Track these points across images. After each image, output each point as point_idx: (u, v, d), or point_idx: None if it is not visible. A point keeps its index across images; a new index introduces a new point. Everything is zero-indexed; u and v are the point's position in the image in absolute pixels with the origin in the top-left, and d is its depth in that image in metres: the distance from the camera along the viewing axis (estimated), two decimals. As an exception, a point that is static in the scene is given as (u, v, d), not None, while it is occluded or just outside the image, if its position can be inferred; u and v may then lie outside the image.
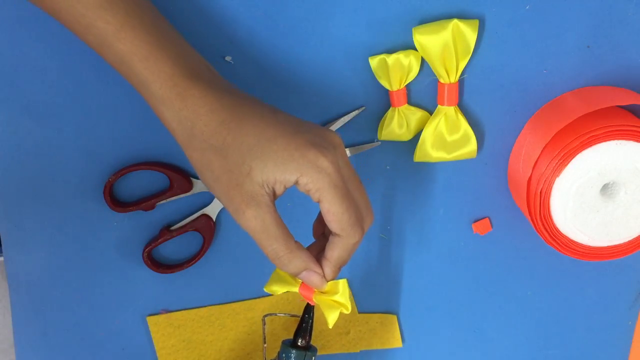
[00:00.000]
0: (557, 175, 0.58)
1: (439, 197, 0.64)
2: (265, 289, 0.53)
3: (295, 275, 0.51)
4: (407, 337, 0.69)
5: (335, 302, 0.52)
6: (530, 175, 0.59)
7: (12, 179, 0.60)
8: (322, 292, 0.52)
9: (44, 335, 0.65)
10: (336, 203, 0.47)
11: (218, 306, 0.66)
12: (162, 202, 0.61)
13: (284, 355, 0.54)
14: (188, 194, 0.61)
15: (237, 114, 0.48)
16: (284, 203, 0.63)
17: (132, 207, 0.61)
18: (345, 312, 0.52)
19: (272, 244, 0.48)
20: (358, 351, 0.68)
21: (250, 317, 0.66)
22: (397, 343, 0.69)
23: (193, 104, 0.47)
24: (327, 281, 0.51)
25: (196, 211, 0.62)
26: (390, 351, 0.69)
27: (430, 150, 0.60)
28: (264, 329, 0.58)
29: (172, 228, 0.62)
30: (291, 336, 0.56)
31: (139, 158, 0.60)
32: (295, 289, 0.52)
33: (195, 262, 0.63)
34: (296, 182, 0.47)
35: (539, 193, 0.58)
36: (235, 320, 0.66)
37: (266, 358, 0.56)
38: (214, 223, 0.62)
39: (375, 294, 0.67)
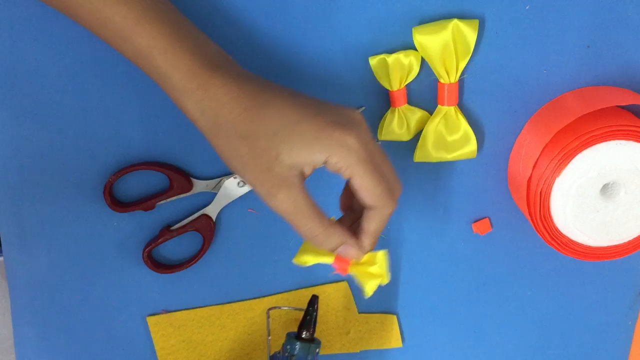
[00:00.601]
0: (557, 175, 0.58)
1: (439, 197, 0.64)
2: (294, 261, 0.53)
3: (331, 251, 0.52)
4: (407, 337, 0.69)
5: (373, 273, 0.52)
6: (530, 175, 0.59)
7: (12, 179, 0.60)
8: (358, 263, 0.52)
9: (44, 335, 0.65)
10: (367, 177, 0.48)
11: (218, 306, 0.66)
12: (162, 202, 0.61)
13: (288, 347, 0.55)
14: (188, 194, 0.61)
15: (259, 100, 0.48)
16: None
17: (132, 207, 0.61)
18: (383, 283, 0.52)
19: (307, 223, 0.49)
20: (358, 351, 0.68)
21: (250, 317, 0.66)
22: (397, 343, 0.69)
23: (215, 93, 0.48)
24: (365, 253, 0.52)
25: (196, 211, 0.62)
26: (390, 351, 0.69)
27: (430, 150, 0.60)
28: (268, 322, 0.58)
29: (172, 228, 0.62)
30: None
31: (139, 158, 0.60)
32: (329, 260, 0.53)
33: (195, 262, 0.63)
34: (325, 162, 0.48)
35: (539, 193, 0.58)
36: (235, 320, 0.66)
37: (270, 351, 0.57)
38: (214, 223, 0.62)
39: (375, 294, 0.67)
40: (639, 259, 0.68)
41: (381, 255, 0.53)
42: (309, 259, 0.53)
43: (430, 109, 0.61)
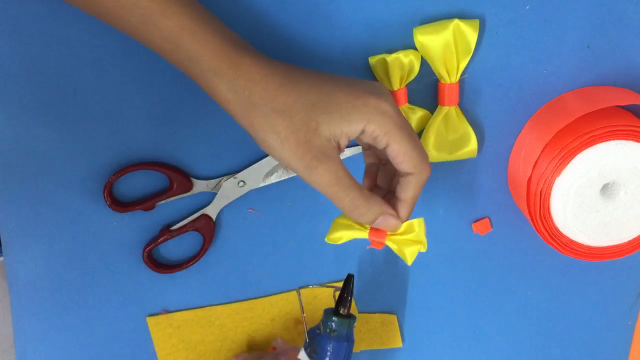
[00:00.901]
0: (557, 175, 0.58)
1: (439, 197, 0.64)
2: (327, 240, 0.53)
3: (371, 223, 0.52)
4: (407, 337, 0.69)
5: (412, 240, 0.53)
6: (530, 175, 0.59)
7: (12, 179, 0.60)
8: (394, 234, 0.53)
9: (44, 335, 0.65)
10: (405, 142, 0.49)
11: (218, 306, 0.66)
12: (162, 202, 0.61)
13: (329, 323, 0.56)
14: (188, 194, 0.61)
15: (290, 77, 0.49)
16: (285, 203, 0.63)
17: (132, 207, 0.61)
18: (423, 250, 0.53)
19: (349, 194, 0.49)
20: (358, 351, 0.68)
21: (250, 317, 0.66)
22: (397, 343, 0.69)
23: (247, 72, 0.48)
24: (403, 222, 0.53)
25: (196, 211, 0.62)
26: (390, 351, 0.69)
27: (431, 150, 0.60)
28: (300, 300, 0.59)
29: (172, 228, 0.62)
30: (292, 334, 0.56)
31: (139, 158, 0.60)
32: (363, 235, 0.53)
33: (195, 262, 0.63)
34: (362, 131, 0.48)
35: (539, 193, 0.58)
36: (235, 320, 0.66)
37: (306, 327, 0.58)
38: (214, 223, 0.62)
39: (375, 294, 0.67)
40: (639, 259, 0.68)
41: (419, 222, 0.53)
42: (343, 235, 0.53)
43: (431, 109, 0.61)
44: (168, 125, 0.59)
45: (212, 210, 0.62)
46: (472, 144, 0.60)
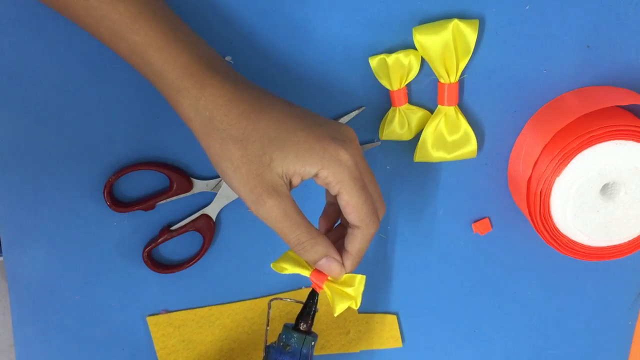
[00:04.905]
0: (557, 175, 0.58)
1: (439, 197, 0.64)
2: (272, 266, 0.53)
3: (314, 262, 0.51)
4: (407, 337, 0.69)
5: (347, 294, 0.52)
6: (530, 175, 0.59)
7: (12, 179, 0.60)
8: (334, 282, 0.53)
9: (44, 335, 0.65)
10: (355, 195, 0.49)
11: (218, 306, 0.66)
12: (162, 202, 0.61)
13: (284, 336, 0.55)
14: (188, 194, 0.61)
15: (256, 106, 0.48)
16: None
17: (132, 207, 0.61)
18: (354, 307, 0.52)
19: (295, 230, 0.49)
20: (358, 351, 0.68)
21: (250, 317, 0.66)
22: (397, 343, 0.69)
23: (211, 94, 0.48)
24: (346, 272, 0.52)
25: (196, 211, 0.62)
26: (390, 351, 0.69)
27: (430, 150, 0.60)
28: (269, 312, 0.58)
29: (172, 228, 0.62)
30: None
31: (139, 158, 0.60)
32: (306, 273, 0.53)
33: (195, 262, 0.63)
34: (316, 175, 0.48)
35: (539, 193, 0.58)
36: (235, 320, 0.66)
37: (267, 341, 0.57)
38: (214, 223, 0.62)
39: (375, 294, 0.67)
40: (639, 259, 0.68)
41: (360, 279, 0.53)
42: (288, 267, 0.53)
43: (431, 109, 0.61)
44: (168, 125, 0.59)
45: (212, 210, 0.62)
46: (472, 144, 0.60)
